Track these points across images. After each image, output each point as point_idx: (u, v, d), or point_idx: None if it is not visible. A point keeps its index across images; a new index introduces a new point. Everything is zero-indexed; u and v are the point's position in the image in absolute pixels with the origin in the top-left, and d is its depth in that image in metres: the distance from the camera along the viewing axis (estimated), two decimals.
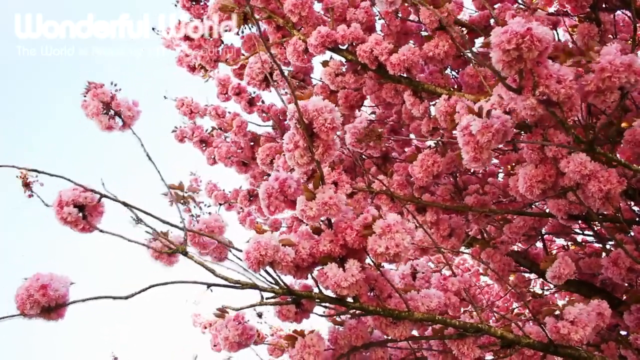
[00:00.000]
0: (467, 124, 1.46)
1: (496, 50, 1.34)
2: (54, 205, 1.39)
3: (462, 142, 1.48)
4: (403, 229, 1.34)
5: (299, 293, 1.47)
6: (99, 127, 1.71)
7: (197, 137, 3.69)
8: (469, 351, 1.57)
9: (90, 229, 1.43)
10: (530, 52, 1.31)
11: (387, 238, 1.33)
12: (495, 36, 1.33)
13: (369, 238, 1.36)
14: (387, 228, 1.34)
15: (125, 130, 1.72)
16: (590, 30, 1.91)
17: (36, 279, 1.20)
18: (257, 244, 1.33)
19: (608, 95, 1.43)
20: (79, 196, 1.40)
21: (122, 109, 1.71)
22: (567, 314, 1.51)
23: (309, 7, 2.35)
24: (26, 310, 1.20)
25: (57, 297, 1.22)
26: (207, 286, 1.38)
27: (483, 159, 1.46)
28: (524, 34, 1.29)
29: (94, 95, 1.69)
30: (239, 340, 1.57)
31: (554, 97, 1.39)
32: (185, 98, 3.65)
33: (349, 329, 1.54)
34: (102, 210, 1.45)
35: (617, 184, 1.61)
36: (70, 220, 1.39)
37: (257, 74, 2.49)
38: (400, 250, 1.32)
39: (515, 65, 1.35)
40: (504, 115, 1.45)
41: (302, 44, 2.40)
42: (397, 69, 2.20)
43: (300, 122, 1.28)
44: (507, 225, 2.48)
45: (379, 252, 1.34)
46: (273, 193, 1.38)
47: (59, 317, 1.26)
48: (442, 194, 2.49)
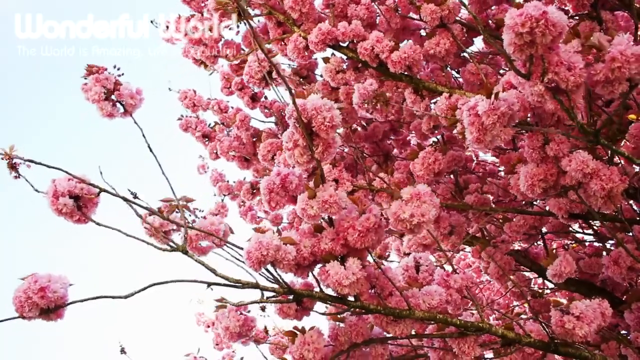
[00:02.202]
0: (474, 103, 1.45)
1: (509, 32, 1.30)
2: (49, 195, 1.36)
3: (467, 121, 1.47)
4: (431, 200, 1.32)
5: (300, 292, 1.46)
6: (100, 113, 1.68)
7: (200, 131, 3.67)
8: (469, 350, 1.57)
9: (86, 221, 1.41)
10: (543, 37, 1.28)
11: (414, 205, 1.31)
12: (509, 18, 1.29)
13: (393, 202, 1.34)
14: (416, 195, 1.32)
15: (126, 117, 1.69)
16: (592, 29, 1.90)
17: (34, 280, 1.19)
18: (259, 243, 1.32)
19: (616, 85, 1.40)
20: (75, 187, 1.38)
21: (124, 97, 1.68)
22: (574, 308, 1.50)
23: (309, 4, 2.35)
24: (25, 313, 1.19)
25: (56, 299, 1.20)
26: (208, 285, 1.37)
27: (486, 140, 1.44)
28: (539, 18, 1.26)
29: (97, 80, 1.65)
30: (239, 330, 1.56)
31: (563, 84, 1.37)
32: (188, 91, 3.62)
33: (349, 326, 1.54)
34: (96, 201, 1.42)
35: (619, 182, 1.60)
36: (65, 212, 1.37)
37: (256, 72, 2.47)
38: (425, 220, 1.31)
39: (527, 50, 1.32)
40: (511, 98, 1.43)
41: (303, 40, 2.39)
42: (398, 67, 2.19)
43: (299, 121, 1.27)
44: (508, 224, 2.47)
45: (402, 217, 1.31)
46: (274, 188, 1.37)
47: (58, 318, 1.25)
48: (443, 192, 2.49)
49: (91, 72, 1.67)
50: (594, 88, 1.46)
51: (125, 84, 1.69)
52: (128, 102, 1.67)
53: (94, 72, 1.67)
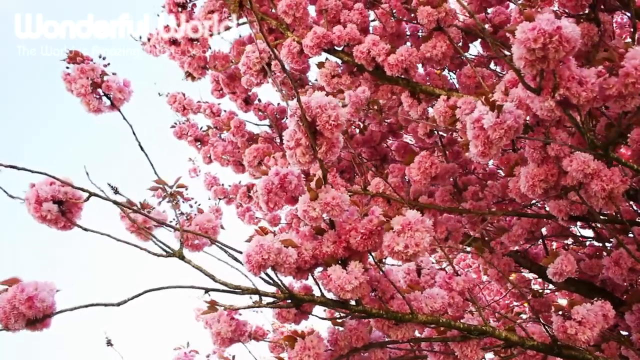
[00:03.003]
0: (479, 116, 1.43)
1: (520, 47, 1.27)
2: (31, 202, 1.26)
3: (471, 135, 1.44)
4: (423, 227, 1.27)
5: (301, 298, 1.43)
6: (86, 109, 1.56)
7: (192, 135, 3.61)
8: (472, 353, 1.55)
9: (71, 227, 1.32)
10: (557, 53, 1.25)
11: (407, 236, 1.27)
12: (521, 32, 1.27)
13: (385, 234, 1.30)
14: (407, 226, 1.27)
15: (113, 111, 1.58)
16: (590, 31, 1.90)
17: (20, 290, 1.11)
18: (260, 246, 1.28)
19: (629, 100, 1.39)
20: (58, 191, 1.28)
21: (113, 90, 1.55)
22: (575, 313, 1.48)
23: (303, 8, 2.33)
24: (10, 325, 1.10)
25: (44, 308, 1.13)
26: (206, 291, 1.33)
27: (491, 154, 1.43)
28: (553, 34, 1.23)
29: (82, 71, 1.52)
30: (231, 336, 1.52)
31: (574, 100, 1.35)
32: (177, 94, 3.54)
33: (349, 330, 1.51)
34: (81, 206, 1.33)
35: (620, 183, 1.59)
36: (50, 219, 1.27)
37: (254, 63, 2.40)
38: (420, 250, 1.26)
39: (538, 65, 1.29)
40: (517, 111, 1.41)
41: (297, 45, 2.37)
42: (395, 70, 2.18)
43: (303, 119, 1.24)
44: (506, 235, 2.45)
45: (396, 250, 1.27)
46: (273, 189, 1.32)
47: (44, 328, 1.17)
48: (442, 194, 2.47)
49: (74, 59, 1.53)
50: (605, 102, 1.44)
51: (112, 76, 1.57)
52: (117, 97, 1.56)
53: (77, 61, 1.53)
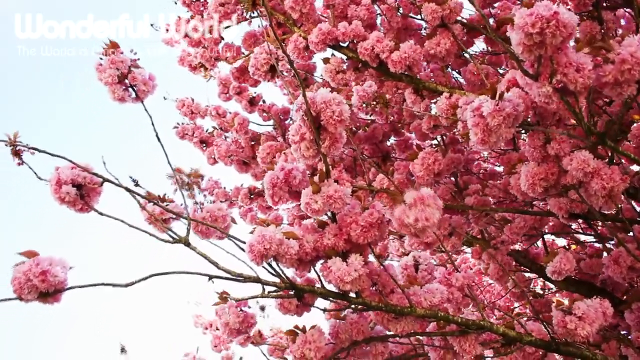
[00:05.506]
0: (478, 104, 1.44)
1: (518, 32, 1.29)
2: (52, 184, 1.36)
3: (471, 122, 1.46)
4: (435, 203, 1.29)
5: (302, 288, 1.46)
6: (111, 96, 1.67)
7: (197, 137, 3.66)
8: (470, 348, 1.56)
9: (88, 210, 1.41)
10: (554, 38, 1.26)
11: (418, 210, 1.27)
12: (519, 17, 1.28)
13: (396, 207, 1.31)
14: (419, 199, 1.28)
15: (137, 103, 1.67)
16: (592, 29, 1.91)
17: (36, 263, 1.17)
18: (262, 236, 1.31)
19: (625, 87, 1.39)
20: (78, 175, 1.37)
21: (138, 82, 1.66)
22: (576, 309, 1.50)
23: (310, 4, 2.35)
24: (23, 295, 1.17)
25: (56, 283, 1.19)
26: (209, 278, 1.36)
27: (491, 142, 1.44)
28: (550, 19, 1.24)
29: (112, 62, 1.63)
30: (239, 327, 1.55)
31: (571, 86, 1.36)
32: (186, 99, 3.61)
33: (350, 324, 1.53)
34: (99, 191, 1.42)
35: (620, 182, 1.60)
36: (68, 200, 1.36)
37: (262, 64, 2.44)
38: (429, 224, 1.27)
39: (536, 50, 1.30)
40: (516, 99, 1.42)
41: (303, 41, 2.38)
42: (398, 67, 2.19)
43: (308, 113, 1.27)
44: (508, 225, 2.47)
45: (406, 222, 1.28)
46: (277, 183, 1.35)
47: (55, 302, 1.23)
48: (443, 193, 2.49)
49: (108, 52, 1.65)
50: (601, 89, 1.44)
51: (139, 69, 1.67)
52: (141, 88, 1.65)
53: (112, 53, 1.65)
